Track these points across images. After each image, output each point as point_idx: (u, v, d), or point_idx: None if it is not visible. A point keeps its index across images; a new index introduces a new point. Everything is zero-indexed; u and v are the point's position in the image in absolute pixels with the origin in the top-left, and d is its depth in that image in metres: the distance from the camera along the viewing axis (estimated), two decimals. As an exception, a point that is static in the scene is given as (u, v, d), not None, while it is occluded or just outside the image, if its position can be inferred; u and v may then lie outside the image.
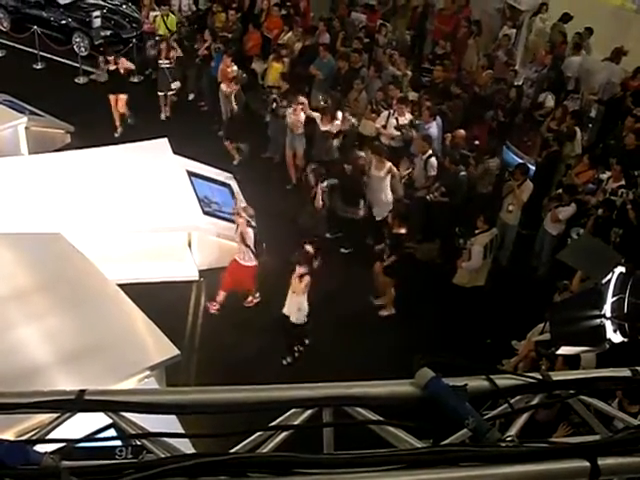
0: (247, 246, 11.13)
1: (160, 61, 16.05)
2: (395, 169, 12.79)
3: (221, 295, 11.59)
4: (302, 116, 14.01)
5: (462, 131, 13.57)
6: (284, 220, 13.22)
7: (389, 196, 12.79)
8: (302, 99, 14.12)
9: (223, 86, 15.52)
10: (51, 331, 7.79)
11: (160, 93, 16.45)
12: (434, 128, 13.75)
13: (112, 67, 15.54)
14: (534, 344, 9.92)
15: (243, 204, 11.84)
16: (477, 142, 13.91)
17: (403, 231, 11.45)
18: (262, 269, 11.66)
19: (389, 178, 12.70)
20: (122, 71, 15.55)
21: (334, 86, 15.58)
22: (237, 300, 11.80)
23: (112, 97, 15.80)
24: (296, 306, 10.59)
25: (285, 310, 10.73)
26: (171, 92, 16.35)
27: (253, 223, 11.29)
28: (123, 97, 15.76)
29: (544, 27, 17.60)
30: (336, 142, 13.88)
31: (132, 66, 16.15)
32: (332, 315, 11.55)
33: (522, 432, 2.83)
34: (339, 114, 14.01)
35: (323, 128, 13.79)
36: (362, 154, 13.13)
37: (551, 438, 2.84)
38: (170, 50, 16.04)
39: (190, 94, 17.13)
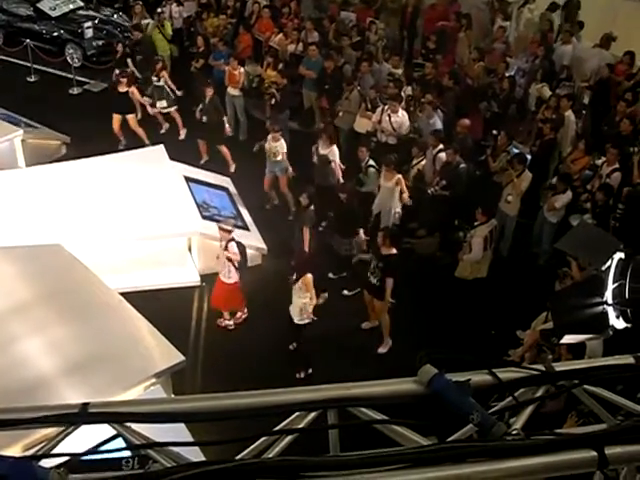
0: (230, 261, 10.96)
1: (154, 78, 15.94)
2: (403, 181, 12.49)
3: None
4: (282, 144, 13.47)
5: (466, 120, 13.56)
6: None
7: (397, 207, 12.54)
8: (277, 127, 13.65)
9: (230, 89, 15.61)
10: (55, 343, 7.80)
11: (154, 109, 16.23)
12: (438, 121, 13.76)
13: (123, 89, 15.13)
14: (539, 333, 9.92)
15: (224, 221, 11.56)
16: (494, 132, 13.88)
17: (394, 252, 10.82)
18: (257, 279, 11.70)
19: (398, 189, 12.45)
20: (132, 95, 15.25)
21: (323, 85, 15.54)
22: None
23: (117, 117, 15.37)
24: (297, 307, 10.38)
25: (290, 309, 10.53)
26: (165, 109, 16.08)
27: (233, 236, 11.06)
28: (132, 116, 15.45)
29: (532, 17, 17.58)
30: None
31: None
32: (332, 329, 11.33)
33: (530, 424, 2.83)
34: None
35: (322, 152, 13.36)
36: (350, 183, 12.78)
37: (560, 429, 2.83)
38: (162, 69, 15.93)
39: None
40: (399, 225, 12.48)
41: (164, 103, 15.92)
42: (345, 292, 12.14)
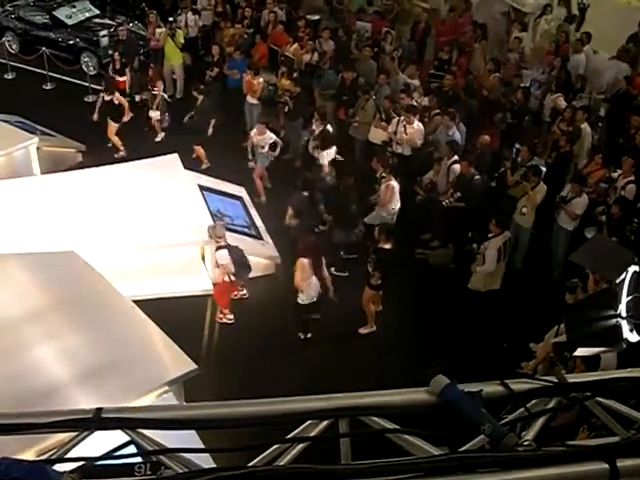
0: (218, 266, 11.33)
1: (149, 86, 16.22)
2: (388, 189, 12.59)
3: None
4: (267, 136, 14.02)
5: (487, 137, 13.55)
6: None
7: (395, 206, 12.71)
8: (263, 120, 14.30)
9: (249, 98, 15.78)
10: (68, 349, 7.83)
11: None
12: (457, 133, 13.78)
13: (107, 98, 15.58)
14: (552, 346, 9.87)
15: (215, 224, 11.76)
16: (517, 145, 13.82)
17: (388, 247, 11.15)
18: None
19: (383, 196, 12.61)
20: (116, 102, 15.56)
21: (340, 97, 15.60)
22: (251, 309, 11.83)
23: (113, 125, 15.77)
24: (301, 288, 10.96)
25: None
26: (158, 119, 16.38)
27: (223, 242, 11.28)
28: (114, 125, 15.72)
29: (549, 28, 17.55)
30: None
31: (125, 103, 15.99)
32: (339, 328, 11.63)
33: (542, 437, 2.82)
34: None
35: (323, 162, 13.48)
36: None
37: (572, 441, 2.82)
38: (157, 79, 16.20)
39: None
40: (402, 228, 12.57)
41: (158, 115, 16.21)
42: (332, 270, 12.09)
